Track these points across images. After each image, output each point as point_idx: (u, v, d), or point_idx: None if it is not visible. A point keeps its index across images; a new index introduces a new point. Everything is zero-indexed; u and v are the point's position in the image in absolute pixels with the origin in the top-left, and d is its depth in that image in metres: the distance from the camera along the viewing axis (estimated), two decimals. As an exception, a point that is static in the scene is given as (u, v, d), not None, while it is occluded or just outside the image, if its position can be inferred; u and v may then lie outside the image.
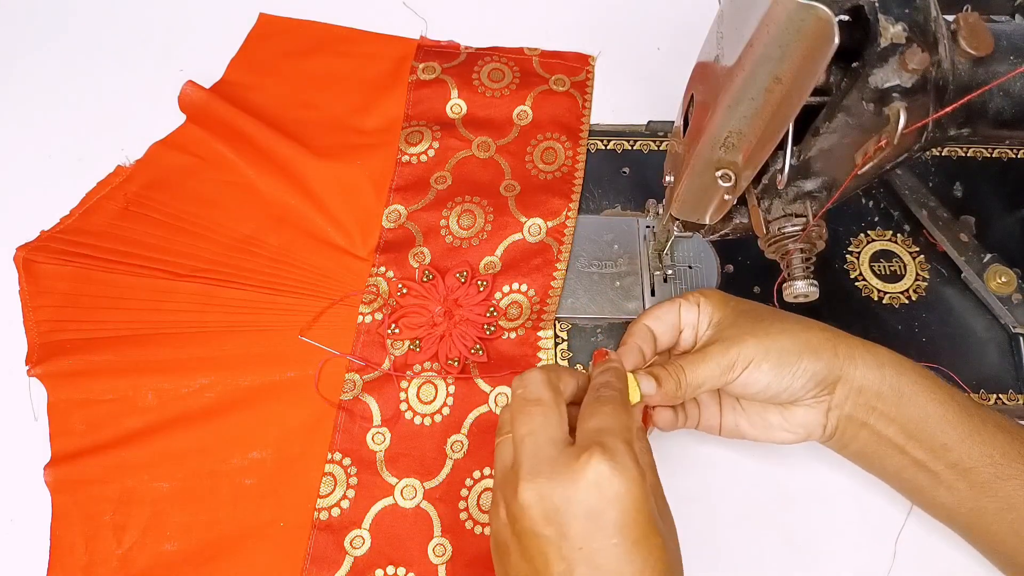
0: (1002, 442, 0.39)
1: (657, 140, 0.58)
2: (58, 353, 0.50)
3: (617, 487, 0.31)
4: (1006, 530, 0.39)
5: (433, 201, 0.55)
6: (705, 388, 0.40)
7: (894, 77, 0.32)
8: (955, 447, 0.39)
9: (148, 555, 0.46)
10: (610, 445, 0.32)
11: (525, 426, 0.34)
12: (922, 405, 0.39)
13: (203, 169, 0.57)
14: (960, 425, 0.39)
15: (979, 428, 0.39)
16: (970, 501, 0.39)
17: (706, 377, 0.39)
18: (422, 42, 0.62)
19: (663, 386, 0.39)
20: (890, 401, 0.40)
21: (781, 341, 0.39)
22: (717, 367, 0.39)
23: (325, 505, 0.47)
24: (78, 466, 0.47)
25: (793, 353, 0.39)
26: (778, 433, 0.43)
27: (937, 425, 0.39)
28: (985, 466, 0.38)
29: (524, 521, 0.32)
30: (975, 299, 0.52)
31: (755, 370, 0.39)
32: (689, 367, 0.39)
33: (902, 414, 0.39)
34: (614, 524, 0.31)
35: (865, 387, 0.40)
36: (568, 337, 0.51)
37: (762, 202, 0.40)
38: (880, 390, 0.40)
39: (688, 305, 0.42)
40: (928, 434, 0.39)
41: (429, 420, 0.49)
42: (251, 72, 0.61)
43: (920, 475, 0.41)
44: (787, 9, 0.28)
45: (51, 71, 0.61)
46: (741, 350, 0.39)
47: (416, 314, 0.51)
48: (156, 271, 0.52)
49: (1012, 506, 0.38)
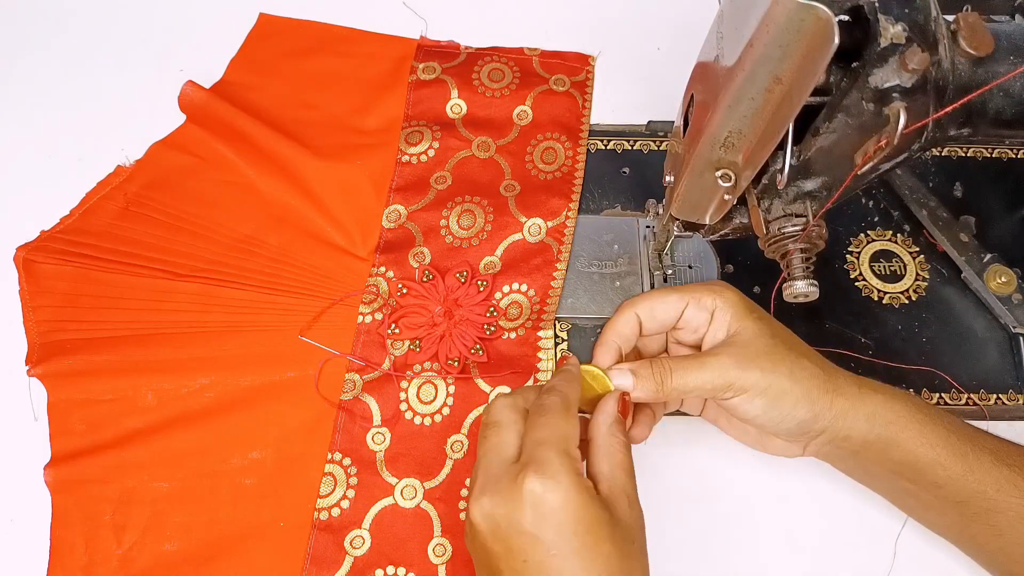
0: (996, 477, 0.38)
1: (657, 140, 0.58)
2: (58, 353, 0.50)
3: (551, 502, 0.32)
4: (998, 550, 0.39)
5: (433, 201, 0.55)
6: (691, 396, 0.39)
7: (894, 77, 0.32)
8: (946, 485, 0.38)
9: (148, 555, 0.46)
10: (543, 459, 0.33)
11: (481, 447, 0.36)
12: (911, 451, 0.38)
13: (203, 169, 0.57)
14: (952, 467, 0.38)
15: (973, 467, 0.38)
16: (960, 526, 0.39)
17: (696, 387, 0.38)
18: (422, 42, 0.62)
19: (641, 383, 0.38)
20: (877, 449, 0.39)
21: (783, 383, 0.38)
22: (710, 383, 0.38)
23: (325, 505, 0.47)
24: (78, 466, 0.47)
25: (791, 398, 0.38)
26: (751, 443, 0.43)
27: (928, 467, 0.38)
28: (978, 500, 0.38)
29: (478, 537, 0.34)
30: (975, 299, 0.52)
31: (747, 402, 0.38)
32: (679, 371, 0.38)
33: (889, 459, 0.39)
34: (552, 538, 0.32)
35: (852, 437, 0.39)
36: (568, 337, 0.51)
37: (762, 202, 0.40)
38: (867, 439, 0.39)
39: (699, 308, 0.40)
40: (918, 474, 0.39)
41: (429, 420, 0.49)
42: (251, 72, 0.61)
43: (910, 500, 0.41)
44: (787, 9, 0.28)
45: (51, 71, 0.61)
46: (742, 376, 0.38)
47: (416, 314, 0.51)
48: (156, 271, 0.52)
49: (1003, 533, 0.38)
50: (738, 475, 0.48)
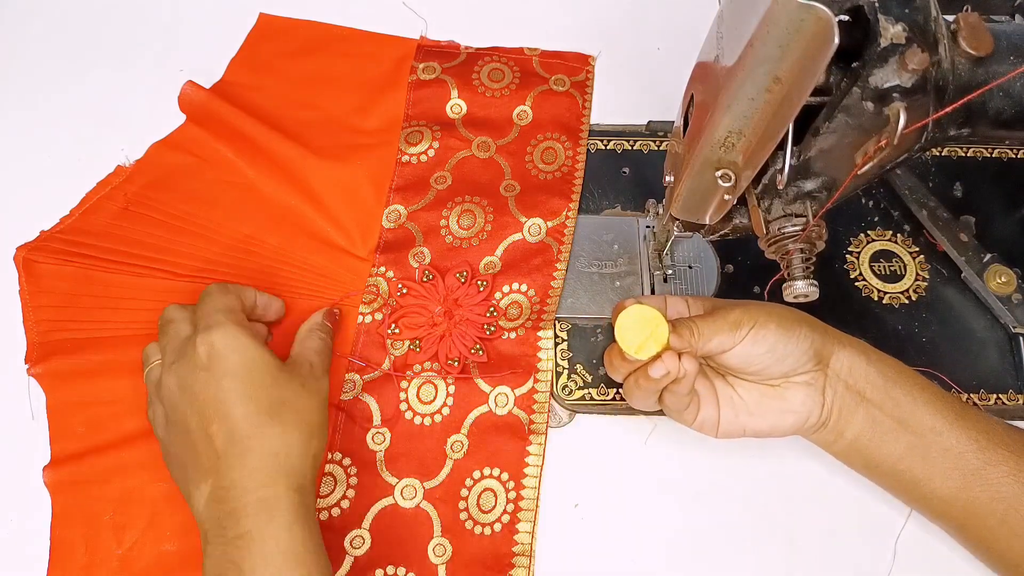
0: (985, 427, 0.41)
1: (657, 140, 0.58)
2: (58, 353, 0.50)
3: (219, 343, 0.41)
4: (997, 522, 0.40)
5: (433, 201, 0.55)
6: (715, 344, 0.41)
7: (894, 77, 0.32)
8: (945, 431, 0.41)
9: (148, 555, 0.46)
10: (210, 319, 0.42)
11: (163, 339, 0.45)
12: (908, 388, 0.42)
13: (203, 169, 0.57)
14: (946, 409, 0.41)
15: (962, 414, 0.41)
16: (963, 492, 0.41)
17: (716, 330, 0.41)
18: (422, 42, 0.62)
19: (680, 333, 0.41)
20: (878, 385, 0.42)
21: (780, 310, 0.42)
22: (725, 323, 0.41)
23: (325, 505, 0.47)
24: (78, 467, 0.47)
25: (793, 320, 0.41)
26: (777, 420, 0.43)
27: (925, 408, 0.41)
28: (973, 451, 0.40)
29: (169, 399, 0.42)
30: (975, 299, 0.52)
31: (762, 328, 0.41)
32: (699, 323, 0.41)
33: (891, 397, 0.41)
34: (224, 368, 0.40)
35: (854, 369, 0.42)
36: (568, 337, 0.51)
37: (762, 202, 0.40)
38: (867, 373, 0.42)
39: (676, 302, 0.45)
40: (918, 417, 0.41)
41: (429, 420, 0.49)
42: (251, 72, 0.61)
43: (916, 464, 0.41)
44: (787, 9, 0.28)
45: (51, 71, 0.61)
46: (746, 311, 0.41)
47: (416, 314, 0.51)
48: (156, 271, 0.52)
49: (1002, 496, 0.40)
50: (738, 475, 0.48)
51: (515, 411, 0.49)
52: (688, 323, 0.41)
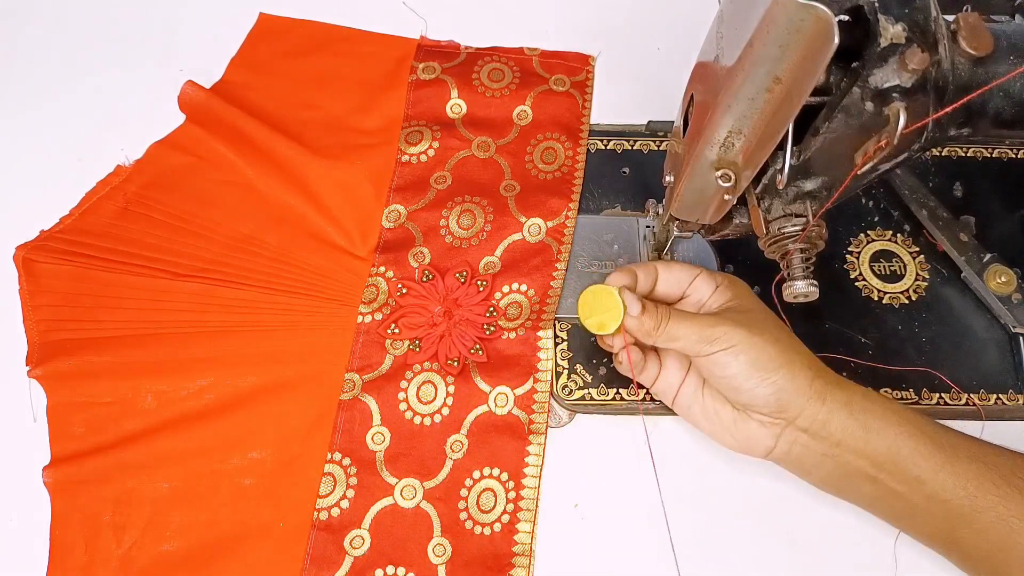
0: (976, 473, 0.39)
1: (657, 140, 0.58)
2: (58, 353, 0.50)
3: None
4: (984, 553, 0.39)
5: (433, 201, 0.55)
6: (678, 345, 0.41)
7: (894, 77, 0.32)
8: (929, 480, 0.39)
9: (148, 555, 0.46)
10: None
11: None
12: (891, 439, 0.40)
13: (203, 169, 0.57)
14: (932, 458, 0.39)
15: (951, 460, 0.39)
16: (947, 531, 0.40)
17: (684, 335, 0.40)
18: (422, 42, 0.62)
19: (647, 315, 0.41)
20: (857, 436, 0.40)
21: (769, 349, 0.40)
22: (698, 333, 0.40)
23: (325, 505, 0.47)
24: (78, 467, 0.47)
25: (773, 361, 0.39)
26: (722, 434, 0.43)
27: (909, 458, 0.39)
28: (960, 499, 0.39)
29: None
30: (975, 299, 0.52)
31: (731, 356, 0.39)
32: (676, 318, 0.41)
33: (870, 448, 0.40)
34: None
35: (829, 423, 0.40)
36: (568, 337, 0.51)
37: (762, 202, 0.40)
38: (846, 425, 0.40)
39: (706, 280, 0.43)
40: (900, 467, 0.39)
41: (429, 420, 0.49)
42: (251, 72, 0.61)
43: (897, 503, 0.41)
44: (787, 9, 0.28)
45: (51, 71, 0.61)
46: (729, 331, 0.40)
47: (416, 314, 0.51)
48: (156, 271, 0.52)
49: (988, 538, 0.38)
50: (738, 475, 0.48)
51: (515, 411, 0.49)
52: (660, 314, 0.41)
